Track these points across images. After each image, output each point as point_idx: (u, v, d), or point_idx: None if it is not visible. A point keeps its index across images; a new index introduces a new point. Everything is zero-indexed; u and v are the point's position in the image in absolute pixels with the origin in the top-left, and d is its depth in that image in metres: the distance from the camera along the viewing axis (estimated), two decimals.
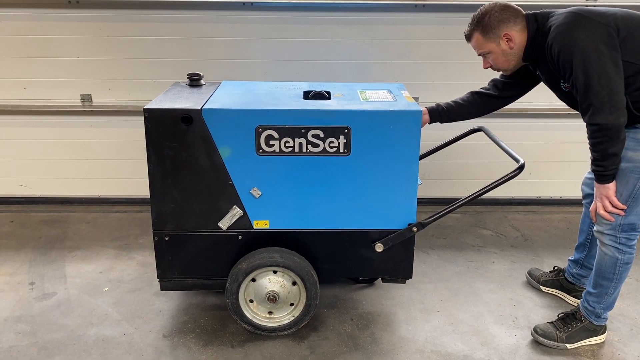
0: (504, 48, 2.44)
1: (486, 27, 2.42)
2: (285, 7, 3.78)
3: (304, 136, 2.44)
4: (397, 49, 3.90)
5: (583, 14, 2.27)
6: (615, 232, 2.45)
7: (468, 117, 2.86)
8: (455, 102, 2.83)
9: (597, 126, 2.23)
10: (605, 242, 2.48)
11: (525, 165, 2.52)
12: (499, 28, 2.40)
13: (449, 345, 2.66)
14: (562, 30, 2.27)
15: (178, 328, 2.75)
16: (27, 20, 3.76)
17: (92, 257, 3.43)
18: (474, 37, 2.49)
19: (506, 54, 2.46)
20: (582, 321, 2.63)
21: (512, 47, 2.43)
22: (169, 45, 3.84)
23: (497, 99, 2.79)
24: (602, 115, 2.20)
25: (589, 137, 2.30)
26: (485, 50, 2.48)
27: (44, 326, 2.75)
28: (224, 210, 2.56)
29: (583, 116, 2.30)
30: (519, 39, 2.41)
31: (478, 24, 2.44)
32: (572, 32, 2.24)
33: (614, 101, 2.19)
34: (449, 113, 2.82)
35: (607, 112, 2.19)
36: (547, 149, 4.14)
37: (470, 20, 2.49)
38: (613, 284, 2.53)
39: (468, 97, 2.83)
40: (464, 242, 3.70)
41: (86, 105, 3.97)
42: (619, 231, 2.44)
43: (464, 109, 2.82)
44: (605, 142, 2.25)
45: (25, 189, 4.16)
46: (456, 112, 2.82)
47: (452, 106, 2.82)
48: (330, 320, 2.83)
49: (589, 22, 2.24)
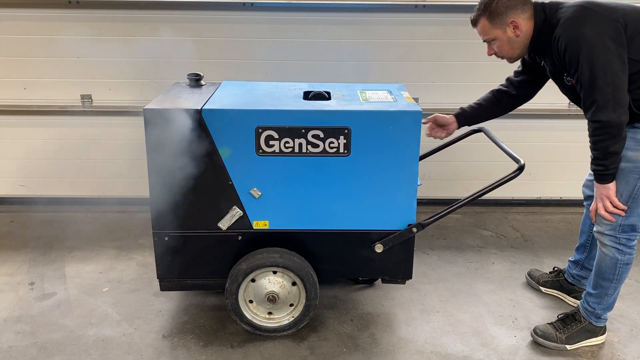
0: (510, 35, 2.41)
1: (493, 13, 2.39)
2: (286, 7, 3.78)
3: (304, 136, 2.44)
4: (397, 49, 3.90)
5: (592, 7, 2.25)
6: (615, 232, 2.44)
7: (492, 117, 2.85)
8: (478, 104, 2.82)
9: (600, 123, 2.22)
10: (606, 242, 2.48)
11: (525, 166, 2.51)
12: (506, 15, 2.38)
13: (449, 345, 2.66)
14: (569, 24, 2.25)
15: (178, 328, 2.75)
16: (27, 20, 3.76)
17: (91, 258, 3.43)
18: (480, 23, 2.45)
19: (512, 41, 2.43)
20: (581, 322, 2.63)
21: (518, 34, 2.39)
22: (169, 46, 3.83)
23: (515, 97, 2.77)
24: (605, 112, 2.19)
25: (591, 134, 2.28)
26: (491, 36, 2.45)
27: (43, 326, 2.75)
28: (224, 211, 2.55)
29: (585, 113, 2.29)
30: (526, 27, 2.39)
31: (485, 10, 2.41)
32: (579, 28, 2.22)
33: (618, 99, 2.18)
34: (474, 116, 2.82)
35: (610, 109, 2.18)
36: (547, 150, 4.14)
37: (478, 5, 2.45)
38: (613, 284, 2.53)
39: (489, 97, 2.81)
40: (464, 243, 3.70)
41: (86, 106, 3.97)
42: (619, 232, 2.44)
43: (487, 111, 2.82)
44: (607, 140, 2.24)
45: (25, 189, 4.16)
46: (480, 115, 2.83)
47: (476, 108, 2.82)
48: (330, 320, 2.82)
49: (597, 16, 2.22)
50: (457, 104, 3.96)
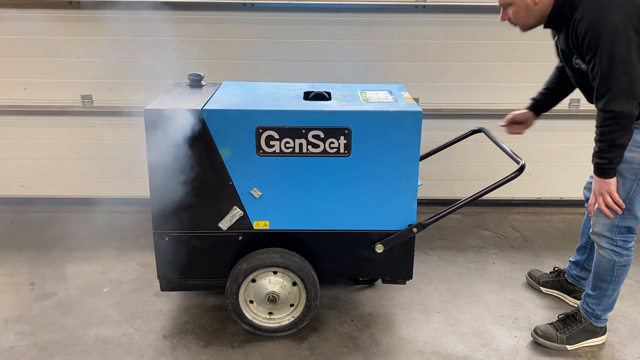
0: (527, 2, 2.32)
1: None
2: (286, 7, 3.78)
3: (305, 137, 2.44)
4: (397, 49, 3.90)
5: None
6: (612, 234, 2.44)
7: (565, 96, 2.77)
8: (547, 89, 2.76)
9: (612, 113, 2.17)
10: (603, 245, 2.47)
11: (525, 166, 2.52)
12: None
13: (449, 346, 2.66)
14: (593, 7, 2.17)
15: (178, 328, 2.75)
16: (27, 21, 3.76)
17: (92, 258, 3.43)
18: None
19: (529, 9, 2.33)
20: (582, 322, 2.63)
21: (536, 2, 2.31)
22: (169, 46, 3.83)
23: None
24: (619, 102, 2.15)
25: (600, 124, 2.23)
26: (509, 1, 2.36)
27: (44, 326, 2.75)
28: (224, 211, 2.56)
29: (597, 101, 2.23)
30: None
31: None
32: (604, 12, 2.14)
33: (633, 90, 2.14)
34: (548, 102, 2.78)
35: (624, 100, 2.14)
36: (547, 150, 4.14)
37: None
38: (612, 286, 2.52)
39: (554, 76, 2.73)
40: (464, 243, 3.70)
41: (87, 106, 3.97)
42: (615, 234, 2.43)
43: (558, 91, 2.74)
44: (616, 131, 2.20)
45: (25, 189, 4.16)
46: (553, 98, 2.77)
47: (546, 94, 2.77)
48: (331, 321, 2.82)
49: (624, 3, 2.14)
50: (458, 104, 4.01)
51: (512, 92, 3.98)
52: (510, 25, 2.46)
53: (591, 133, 2.33)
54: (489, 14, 3.78)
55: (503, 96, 3.99)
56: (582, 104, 3.93)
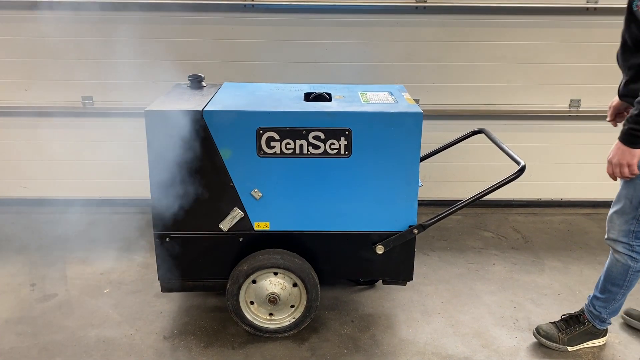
0: None
1: None
2: (286, 8, 3.79)
3: (305, 138, 2.44)
4: (398, 50, 3.91)
5: None
6: (629, 240, 2.41)
7: None
8: None
9: None
10: (619, 250, 2.45)
11: (526, 167, 2.52)
12: None
13: (450, 347, 2.66)
14: None
15: (179, 329, 2.75)
16: (28, 22, 3.76)
17: (92, 259, 3.43)
18: None
19: None
20: (585, 324, 2.61)
21: None
22: (170, 47, 3.84)
23: None
24: None
25: None
26: None
27: (44, 327, 2.75)
28: (225, 212, 2.56)
29: None
30: None
31: None
32: None
33: None
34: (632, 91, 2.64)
35: None
36: (547, 151, 4.14)
37: None
38: (622, 290, 2.50)
39: None
40: (464, 244, 3.70)
41: (87, 107, 3.97)
42: (632, 239, 2.41)
43: None
44: None
45: (26, 190, 4.16)
46: None
47: None
48: (331, 322, 2.82)
49: None
50: (458, 105, 4.01)
51: (512, 93, 3.98)
52: (508, 26, 2.42)
53: (591, 133, 2.31)
54: (489, 15, 3.79)
55: (503, 97, 3.99)
56: (583, 105, 3.93)
